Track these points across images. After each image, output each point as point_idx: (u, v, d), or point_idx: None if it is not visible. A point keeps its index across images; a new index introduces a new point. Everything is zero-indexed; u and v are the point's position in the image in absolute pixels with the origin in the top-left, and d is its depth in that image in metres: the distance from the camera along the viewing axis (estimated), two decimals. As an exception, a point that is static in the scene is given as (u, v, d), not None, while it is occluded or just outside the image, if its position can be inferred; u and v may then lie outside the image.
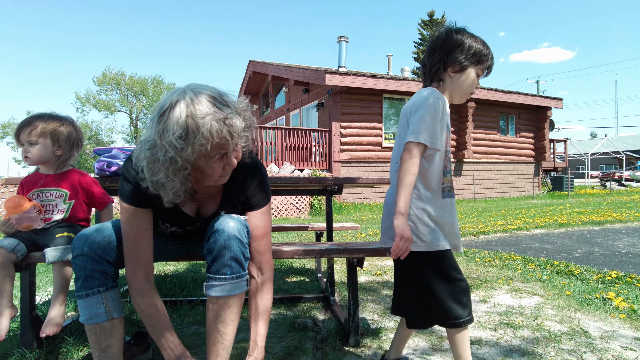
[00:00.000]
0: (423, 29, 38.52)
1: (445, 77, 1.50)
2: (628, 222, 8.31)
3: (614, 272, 3.64)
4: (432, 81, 1.52)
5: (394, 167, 1.50)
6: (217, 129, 1.21)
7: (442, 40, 1.48)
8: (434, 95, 1.42)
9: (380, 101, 14.40)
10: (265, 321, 1.49)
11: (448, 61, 1.47)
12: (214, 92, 1.28)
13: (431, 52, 1.51)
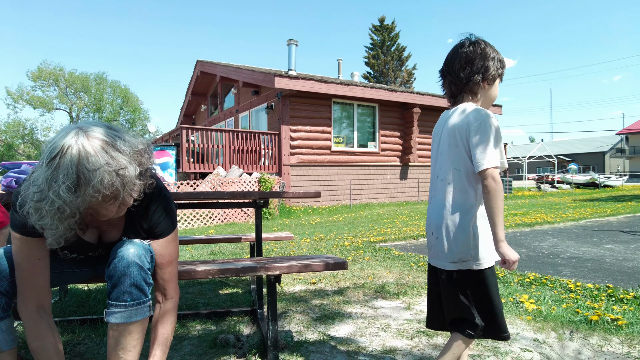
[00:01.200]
0: (374, 34, 39.39)
1: (479, 90, 1.51)
2: (555, 223, 8.94)
3: (532, 274, 3.92)
4: (463, 93, 1.53)
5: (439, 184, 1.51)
6: (109, 182, 1.17)
7: (478, 53, 1.49)
8: (487, 113, 1.43)
9: (330, 105, 14.56)
10: (162, 350, 1.48)
11: (486, 74, 1.49)
12: (110, 136, 1.22)
13: (466, 65, 1.50)
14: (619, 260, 4.92)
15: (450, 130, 1.47)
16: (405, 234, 7.35)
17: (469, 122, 1.43)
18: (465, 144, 1.43)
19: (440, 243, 1.47)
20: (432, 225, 1.52)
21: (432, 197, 1.57)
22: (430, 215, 1.55)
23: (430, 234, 1.54)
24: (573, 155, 55.63)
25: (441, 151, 1.51)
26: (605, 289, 3.28)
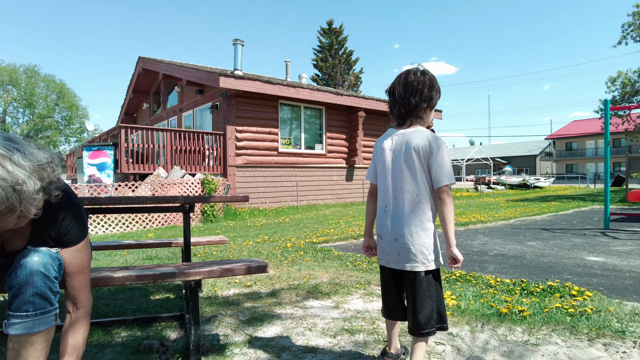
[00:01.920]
0: (322, 36, 39.76)
1: (423, 115, 1.74)
2: (487, 223, 9.51)
3: (458, 272, 4.16)
4: (411, 117, 1.74)
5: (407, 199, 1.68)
6: (3, 197, 1.12)
7: (427, 84, 1.71)
8: (441, 138, 1.68)
9: (277, 107, 14.55)
10: (74, 359, 1.44)
11: (431, 102, 1.73)
12: (7, 149, 1.16)
13: (417, 91, 1.70)
14: (538, 256, 5.35)
15: (412, 149, 1.67)
16: (347, 234, 7.52)
17: (429, 144, 1.65)
18: (425, 162, 1.66)
19: (407, 247, 1.65)
20: (396, 231, 1.67)
21: (387, 207, 1.72)
22: (392, 223, 1.69)
23: (393, 240, 1.68)
24: (509, 158, 59.39)
25: (401, 166, 1.69)
26: (520, 283, 3.56)
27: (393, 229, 1.68)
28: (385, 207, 1.74)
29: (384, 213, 1.73)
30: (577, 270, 4.43)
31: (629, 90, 17.09)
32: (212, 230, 9.57)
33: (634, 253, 5.43)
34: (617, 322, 2.43)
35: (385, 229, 1.71)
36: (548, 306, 2.78)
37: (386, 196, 1.74)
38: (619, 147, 48.26)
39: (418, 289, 1.64)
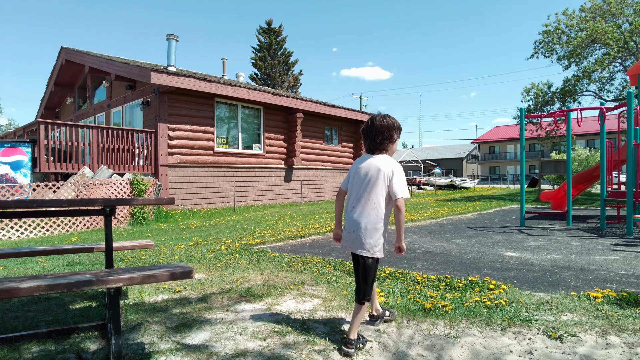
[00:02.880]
0: (261, 35, 39.41)
1: (387, 147, 2.38)
2: (417, 222, 9.98)
3: (388, 269, 4.33)
4: (377, 150, 2.37)
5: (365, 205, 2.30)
6: None
7: (386, 126, 2.34)
8: (399, 164, 2.33)
9: (213, 105, 14.18)
10: None
11: (392, 138, 2.36)
12: None
13: (379, 132, 2.34)
14: (462, 253, 5.71)
15: (379, 171, 2.29)
16: (284, 235, 7.51)
17: (392, 168, 2.28)
18: (387, 181, 2.27)
19: (360, 239, 2.28)
20: (354, 226, 2.30)
21: (354, 208, 2.34)
22: (354, 220, 2.31)
23: (352, 231, 2.31)
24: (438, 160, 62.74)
25: (368, 181, 2.30)
26: (445, 279, 3.78)
27: (352, 224, 2.31)
28: (352, 208, 2.35)
29: (351, 212, 2.34)
30: (495, 266, 4.79)
31: (541, 101, 18.83)
32: (142, 233, 9.10)
33: (544, 248, 5.98)
34: (526, 312, 2.66)
35: (348, 223, 2.34)
36: (469, 300, 2.97)
37: (355, 201, 2.34)
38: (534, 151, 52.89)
39: (364, 268, 2.29)
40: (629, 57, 16.72)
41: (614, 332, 2.28)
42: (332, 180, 18.68)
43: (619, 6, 16.78)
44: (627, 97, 7.43)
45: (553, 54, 18.68)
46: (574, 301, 2.93)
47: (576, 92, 18.47)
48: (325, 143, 18.53)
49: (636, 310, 2.65)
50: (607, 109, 8.22)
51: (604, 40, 16.73)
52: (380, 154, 2.36)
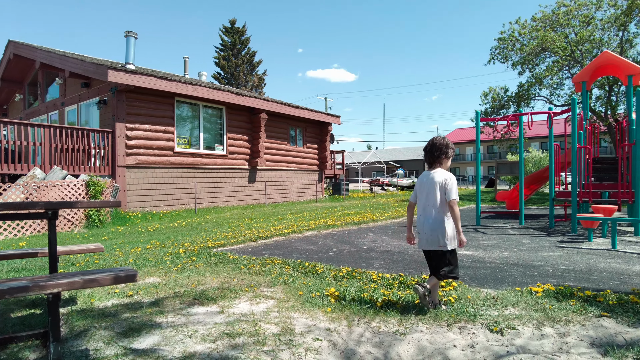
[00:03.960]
0: (225, 35, 38.88)
1: (443, 162, 3.00)
2: (378, 221, 10.15)
3: (346, 268, 4.39)
4: (435, 163, 3.00)
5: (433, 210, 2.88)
6: None
7: (444, 144, 3.01)
8: (453, 175, 2.92)
9: (173, 104, 13.86)
10: None
11: (446, 155, 3.00)
12: None
13: (437, 149, 2.99)
14: (418, 251, 5.87)
15: (436, 182, 2.89)
16: (245, 237, 7.45)
17: (445, 178, 2.90)
18: (443, 189, 2.86)
19: (433, 237, 2.85)
20: (426, 227, 2.88)
21: (424, 213, 2.94)
22: (425, 224, 2.90)
23: (425, 232, 2.89)
24: (401, 162, 64.02)
25: (430, 191, 2.90)
26: (398, 277, 3.88)
27: (424, 227, 2.90)
28: (422, 212, 2.96)
29: (422, 216, 2.96)
30: (449, 263, 4.97)
31: (497, 104, 19.67)
32: (97, 236, 8.77)
33: (496, 246, 6.25)
34: (472, 308, 2.79)
35: (421, 226, 2.94)
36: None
37: (422, 207, 2.96)
38: (492, 153, 54.99)
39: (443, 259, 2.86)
40: (575, 65, 17.73)
41: (549, 324, 2.43)
42: (296, 181, 18.69)
43: (566, 17, 17.76)
44: (571, 103, 7.87)
45: (508, 60, 19.52)
46: (517, 296, 3.09)
47: (529, 97, 19.38)
48: (290, 144, 18.51)
49: (570, 302, 2.83)
50: (554, 114, 8.68)
51: (553, 49, 17.66)
52: (436, 168, 3.01)
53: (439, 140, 3.04)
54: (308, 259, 5.39)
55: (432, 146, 3.01)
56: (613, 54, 8.47)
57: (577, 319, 2.51)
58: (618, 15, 17.00)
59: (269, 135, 17.14)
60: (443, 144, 3.02)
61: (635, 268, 4.47)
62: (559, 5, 18.07)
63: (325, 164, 20.14)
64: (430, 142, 3.05)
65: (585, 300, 2.90)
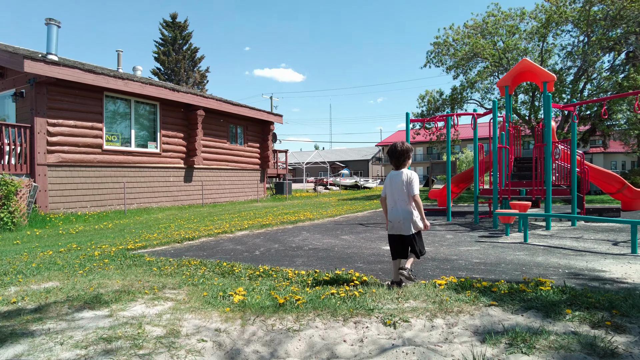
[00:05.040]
0: (165, 29, 37.42)
1: (406, 163, 3.58)
2: (315, 220, 10.16)
3: (264, 267, 4.30)
4: (401, 165, 3.56)
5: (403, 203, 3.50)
6: None
7: (406, 149, 3.59)
8: (414, 172, 3.55)
9: (102, 99, 13.06)
10: None
11: (409, 159, 3.58)
12: None
13: (401, 154, 3.58)
14: (345, 248, 5.92)
15: (403, 180, 3.49)
16: (171, 238, 7.15)
17: (408, 176, 3.50)
18: (408, 185, 3.46)
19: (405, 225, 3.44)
20: (399, 217, 3.47)
21: (395, 206, 3.53)
22: (397, 214, 3.49)
23: (398, 221, 3.48)
24: (347, 162, 65.01)
25: (399, 188, 3.51)
26: (314, 274, 3.86)
27: (396, 217, 3.49)
28: (393, 206, 3.55)
29: (394, 208, 3.54)
30: (370, 259, 5.03)
31: (433, 107, 20.52)
32: (9, 241, 8.03)
33: (420, 242, 6.45)
34: (373, 302, 2.80)
35: (393, 216, 3.52)
36: (327, 292, 3.05)
37: (393, 201, 3.56)
38: (431, 154, 57.32)
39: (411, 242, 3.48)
40: (503, 71, 18.86)
41: (441, 315, 2.49)
42: (237, 180, 18.32)
43: (494, 26, 18.87)
44: (492, 106, 8.32)
45: (443, 64, 20.39)
46: (420, 289, 3.16)
47: (462, 100, 20.36)
48: (230, 142, 18.11)
49: (467, 293, 2.93)
50: (478, 115, 9.14)
51: (483, 55, 18.68)
52: (401, 169, 3.58)
53: (403, 146, 3.61)
54: (230, 259, 5.25)
55: (399, 152, 3.58)
56: (531, 61, 9.06)
57: (468, 309, 2.59)
58: (538, 27, 18.32)
59: (207, 133, 16.66)
60: (406, 149, 3.61)
61: (538, 259, 4.77)
62: (488, 15, 19.15)
63: (268, 163, 19.94)
64: (396, 148, 3.61)
65: (481, 291, 3.02)
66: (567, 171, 9.19)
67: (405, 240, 3.49)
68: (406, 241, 3.49)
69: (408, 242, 3.48)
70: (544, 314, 2.41)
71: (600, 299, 2.58)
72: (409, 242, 3.47)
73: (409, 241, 3.47)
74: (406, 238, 3.47)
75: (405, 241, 3.49)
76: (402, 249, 3.53)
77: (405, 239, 3.48)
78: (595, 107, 17.63)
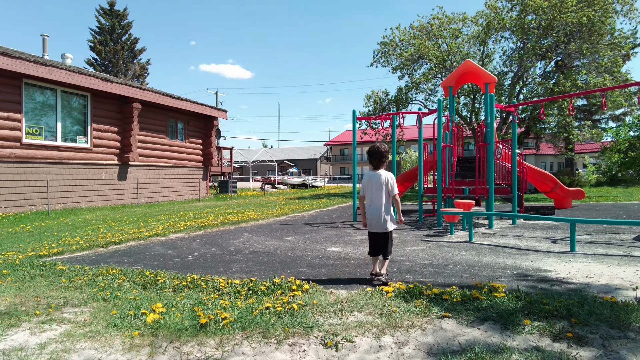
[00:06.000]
0: (102, 17, 34.97)
1: (383, 164, 3.76)
2: (260, 220, 9.66)
3: (193, 276, 3.81)
4: (379, 166, 3.74)
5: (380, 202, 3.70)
6: None
7: (384, 151, 3.73)
8: (393, 174, 3.81)
9: (21, 87, 11.70)
10: None
11: (387, 160, 3.77)
12: None
13: (379, 156, 3.74)
14: (288, 250, 5.52)
15: (381, 180, 3.68)
16: (95, 242, 6.40)
17: (387, 177, 3.69)
18: (388, 185, 3.68)
19: (381, 223, 3.63)
20: (376, 216, 3.65)
21: (372, 205, 3.70)
22: (375, 213, 3.66)
23: (375, 219, 3.66)
24: (295, 161, 64.66)
25: (378, 188, 3.68)
26: (249, 283, 3.43)
27: (374, 214, 3.66)
28: (370, 204, 3.70)
29: (371, 207, 3.69)
30: (314, 262, 4.68)
31: (379, 107, 20.67)
32: None
33: (365, 242, 6.17)
34: (313, 316, 2.44)
35: (370, 215, 3.68)
36: (260, 307, 2.64)
37: (370, 200, 3.71)
38: (378, 153, 58.36)
39: (385, 239, 3.67)
40: (446, 74, 19.36)
41: (389, 332, 2.18)
42: (177, 178, 17.31)
43: (439, 29, 19.31)
44: (437, 105, 8.30)
45: (389, 64, 20.58)
46: (366, 298, 2.84)
47: (407, 101, 20.67)
48: (170, 138, 17.07)
49: (417, 303, 2.66)
50: (423, 114, 9.11)
51: (428, 57, 19.05)
52: (380, 169, 3.74)
53: (381, 147, 3.75)
54: (157, 266, 4.68)
55: (378, 153, 3.74)
56: (474, 63, 9.16)
57: (420, 322, 2.30)
58: (479, 32, 18.99)
59: (145, 128, 15.57)
60: (384, 150, 3.75)
61: (484, 259, 4.66)
62: (433, 17, 19.57)
63: (211, 160, 19.06)
64: (377, 149, 3.75)
65: (432, 299, 2.76)
66: (507, 171, 9.41)
67: (381, 237, 3.70)
68: (381, 238, 3.70)
69: (383, 239, 3.69)
70: (502, 325, 2.17)
71: (557, 306, 2.39)
72: (384, 239, 3.69)
73: (384, 239, 3.69)
74: (382, 235, 3.68)
75: (381, 238, 3.70)
76: (378, 246, 3.74)
77: (381, 236, 3.69)
78: (530, 110, 18.55)
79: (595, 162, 22.66)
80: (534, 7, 16.75)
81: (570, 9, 16.50)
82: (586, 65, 18.09)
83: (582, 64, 18.47)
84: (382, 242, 3.71)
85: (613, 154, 20.89)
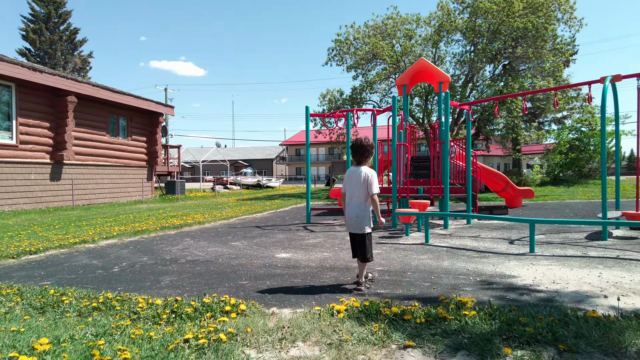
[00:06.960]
0: (35, 3, 32.31)
1: (366, 160, 3.58)
2: (205, 223, 8.95)
3: (106, 295, 3.16)
4: (362, 162, 3.55)
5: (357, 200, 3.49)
6: None
7: (368, 145, 3.54)
8: (374, 171, 3.52)
9: None
10: None
11: (370, 155, 3.59)
12: None
13: (362, 150, 3.54)
14: (231, 258, 4.94)
15: (361, 177, 3.47)
16: (5, 252, 5.50)
17: (367, 174, 3.47)
18: (366, 183, 3.44)
19: (357, 223, 3.47)
20: (352, 215, 3.49)
21: (351, 203, 3.53)
22: (351, 212, 3.50)
23: (351, 219, 3.51)
24: (250, 161, 63.38)
25: (357, 185, 3.49)
26: (174, 303, 2.85)
27: (351, 214, 3.52)
28: (349, 202, 3.57)
29: (349, 205, 3.56)
30: (259, 272, 4.15)
31: (334, 106, 20.38)
32: None
33: (319, 245, 5.73)
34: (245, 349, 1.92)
35: (348, 213, 3.56)
36: (178, 339, 2.09)
37: (349, 198, 3.57)
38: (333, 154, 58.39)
39: (362, 241, 3.47)
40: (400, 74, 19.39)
41: (339, 371, 1.71)
42: (118, 179, 16.06)
43: (393, 29, 19.30)
44: (392, 102, 8.01)
45: (344, 62, 20.32)
46: (314, 320, 2.36)
47: (362, 101, 20.51)
48: (110, 135, 15.80)
49: (373, 327, 2.21)
50: (378, 111, 8.80)
51: (382, 56, 18.97)
52: (362, 165, 3.52)
53: (365, 141, 3.54)
54: (74, 280, 3.97)
55: (361, 147, 3.52)
56: (428, 61, 8.98)
57: (378, 356, 1.85)
58: (432, 34, 19.17)
59: (82, 124, 14.28)
60: (370, 145, 3.54)
61: (444, 264, 4.33)
62: (387, 17, 19.53)
63: (156, 159, 17.91)
64: (360, 142, 3.54)
65: (392, 320, 2.32)
66: (460, 170, 9.31)
67: (357, 239, 3.48)
68: (357, 240, 3.47)
69: (359, 241, 3.46)
70: (479, 356, 1.76)
71: (538, 327, 2.03)
72: (360, 241, 3.45)
73: (360, 240, 3.45)
74: (359, 236, 3.46)
75: (357, 240, 3.48)
76: (356, 249, 3.54)
77: (357, 238, 3.47)
78: (480, 111, 18.95)
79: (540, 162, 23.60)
80: (483, 9, 17.08)
81: (517, 14, 16.98)
82: (531, 69, 18.73)
83: (527, 68, 19.10)
84: (359, 244, 3.46)
85: (555, 155, 21.81)
